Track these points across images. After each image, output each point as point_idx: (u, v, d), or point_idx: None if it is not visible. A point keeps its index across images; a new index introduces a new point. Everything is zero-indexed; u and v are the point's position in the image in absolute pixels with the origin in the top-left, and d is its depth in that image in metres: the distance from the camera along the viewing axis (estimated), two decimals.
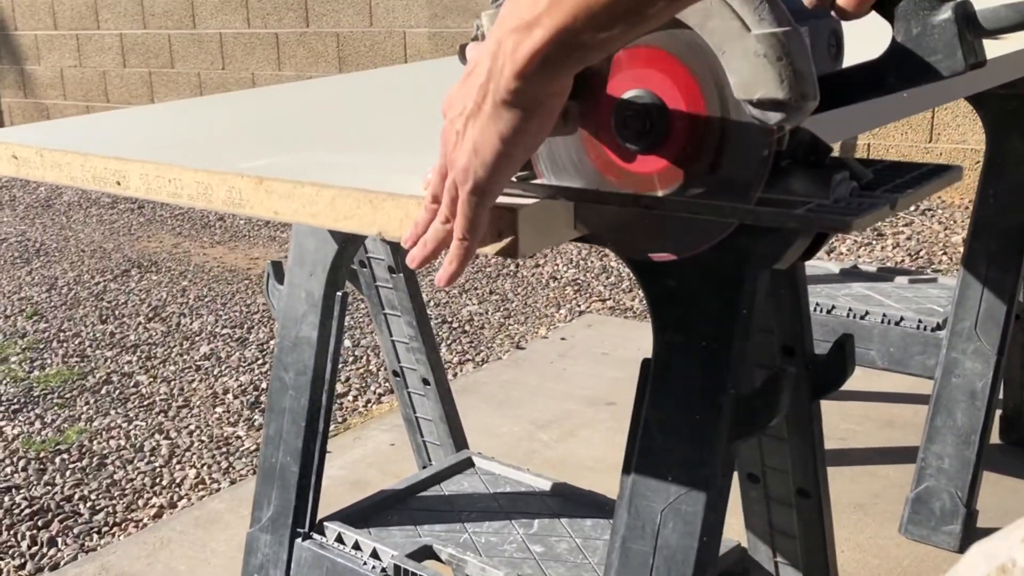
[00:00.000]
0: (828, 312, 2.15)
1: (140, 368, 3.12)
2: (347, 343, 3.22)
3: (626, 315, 3.35)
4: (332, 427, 2.65)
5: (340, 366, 3.02)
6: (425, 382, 1.67)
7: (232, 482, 2.39)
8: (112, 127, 1.27)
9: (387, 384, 2.90)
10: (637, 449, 0.89)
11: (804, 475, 1.11)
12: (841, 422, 2.44)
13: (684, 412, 0.85)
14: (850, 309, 2.13)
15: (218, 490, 2.35)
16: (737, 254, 0.77)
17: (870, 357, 2.10)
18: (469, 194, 0.67)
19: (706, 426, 0.85)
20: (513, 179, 0.77)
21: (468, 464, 1.53)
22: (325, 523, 1.37)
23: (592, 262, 3.89)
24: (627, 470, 0.89)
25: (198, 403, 2.84)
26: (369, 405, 2.79)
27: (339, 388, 2.89)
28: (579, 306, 3.45)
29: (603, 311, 3.40)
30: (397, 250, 1.60)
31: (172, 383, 2.99)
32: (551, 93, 0.64)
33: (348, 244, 1.30)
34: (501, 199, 0.71)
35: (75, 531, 2.20)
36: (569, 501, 1.39)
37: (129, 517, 2.26)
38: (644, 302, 3.42)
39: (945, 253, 3.74)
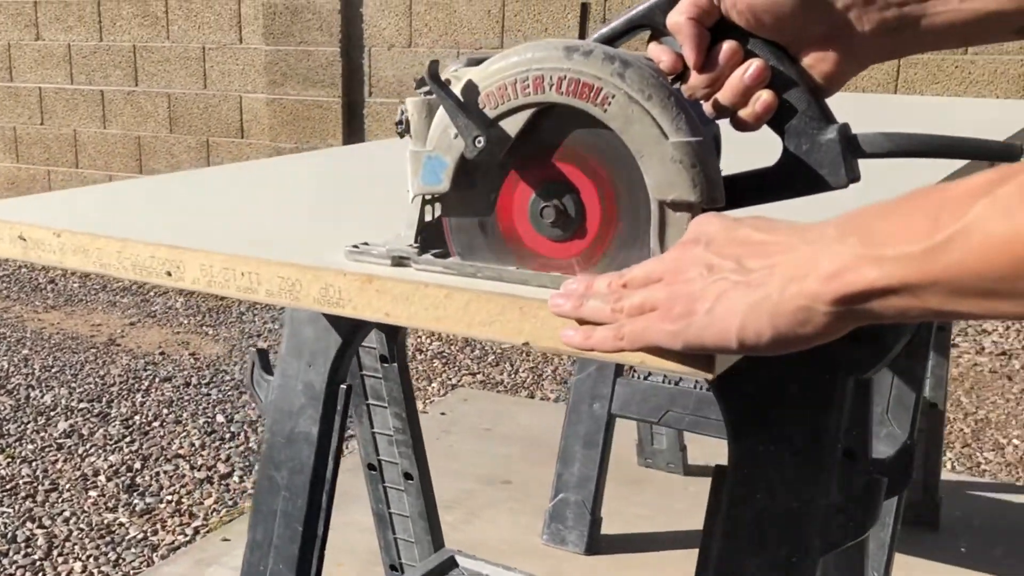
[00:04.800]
0: (675, 384, 2.15)
1: None
2: (220, 418, 3.09)
3: (497, 389, 3.36)
4: (224, 511, 2.54)
5: (217, 444, 2.90)
6: (407, 476, 1.62)
7: None
8: (122, 202, 1.18)
9: None
10: (715, 562, 0.86)
11: None
12: None
13: (772, 523, 0.84)
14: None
15: None
16: (832, 361, 0.78)
17: None
18: (666, 330, 0.64)
19: (795, 538, 0.84)
20: (429, 255, 0.81)
21: (452, 564, 1.49)
22: None
23: (453, 335, 3.88)
24: None
25: (67, 486, 2.66)
26: None
27: (221, 468, 2.77)
28: (450, 380, 3.44)
29: (475, 385, 3.40)
30: (393, 338, 1.55)
31: (34, 464, 2.79)
32: (836, 331, 0.59)
33: (355, 335, 1.24)
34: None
35: None
36: None
37: None
38: (513, 375, 3.45)
39: None
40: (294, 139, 5.39)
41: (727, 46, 0.73)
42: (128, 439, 2.96)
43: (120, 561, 2.31)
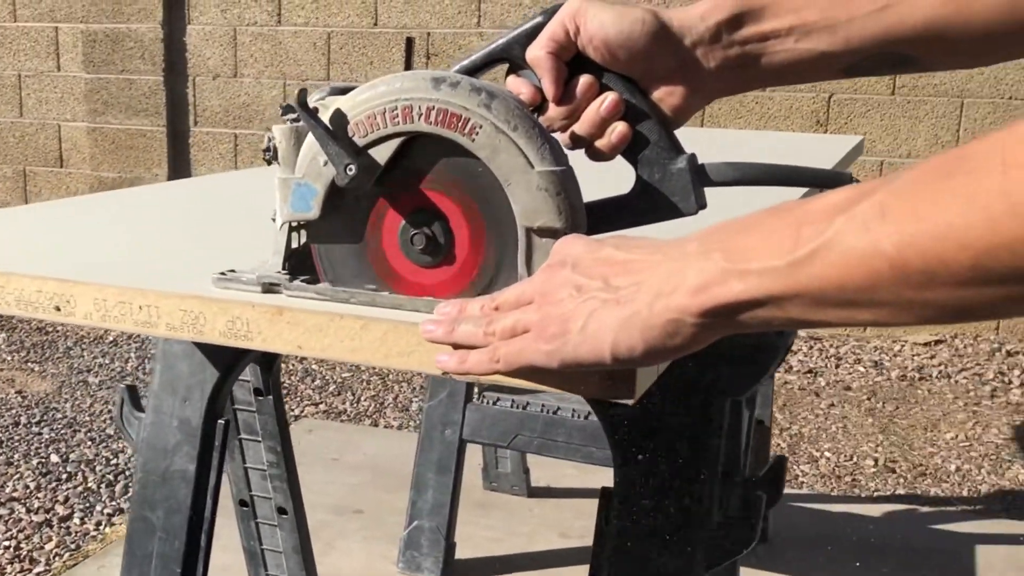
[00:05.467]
0: (523, 408, 2.17)
1: None
2: (55, 458, 2.97)
3: (341, 418, 3.34)
4: (67, 555, 2.44)
5: (54, 485, 2.79)
6: (281, 511, 1.60)
7: None
8: None
9: (116, 503, 2.71)
10: None
11: None
12: (576, 519, 2.60)
13: (655, 542, 0.86)
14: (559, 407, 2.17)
15: None
16: (711, 383, 0.83)
17: (590, 453, 2.15)
18: (541, 350, 0.65)
19: (681, 556, 0.86)
20: (299, 281, 0.82)
21: None
22: None
23: (293, 365, 3.84)
24: None
25: None
26: (102, 527, 2.59)
27: (60, 510, 2.66)
28: (292, 410, 3.40)
29: (318, 415, 3.37)
30: (268, 370, 1.53)
31: None
32: (704, 341, 0.61)
33: (233, 369, 1.22)
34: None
35: None
36: None
37: None
38: (356, 404, 3.44)
39: None
40: (117, 168, 5.25)
41: (584, 80, 0.77)
42: None
43: None
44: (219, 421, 1.23)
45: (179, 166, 5.18)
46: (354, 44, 4.70)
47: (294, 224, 0.84)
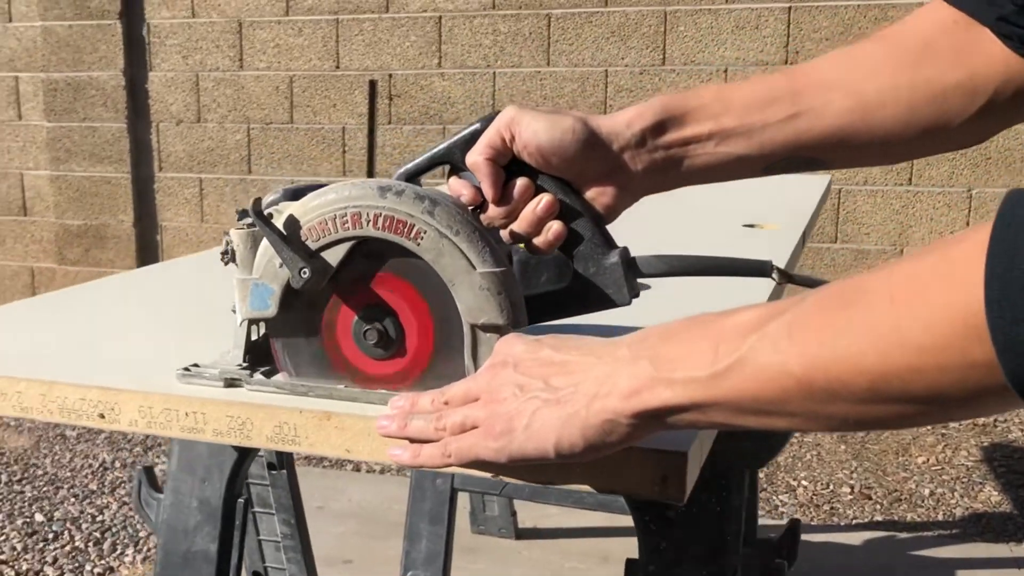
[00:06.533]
0: None
1: None
2: (40, 517, 2.98)
3: (323, 465, 3.36)
4: None
5: (41, 545, 2.79)
6: None
7: None
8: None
9: (105, 562, 2.72)
10: None
11: None
12: (564, 560, 2.62)
13: None
14: None
15: None
16: (734, 456, 0.86)
17: (581, 498, 2.21)
18: (490, 447, 0.69)
19: None
20: (259, 375, 0.87)
21: None
22: None
23: None
24: None
25: None
26: None
27: (50, 572, 2.66)
28: None
29: (300, 461, 3.38)
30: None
31: None
32: (637, 438, 0.66)
33: (252, 448, 1.21)
34: (652, 444, 0.71)
35: None
36: None
37: None
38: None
39: None
40: (82, 215, 5.25)
41: (520, 183, 0.83)
42: None
43: None
44: (239, 500, 1.24)
45: (145, 212, 5.19)
46: (316, 87, 4.73)
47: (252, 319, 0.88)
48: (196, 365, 0.91)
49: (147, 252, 5.23)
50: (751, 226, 1.66)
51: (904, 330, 0.51)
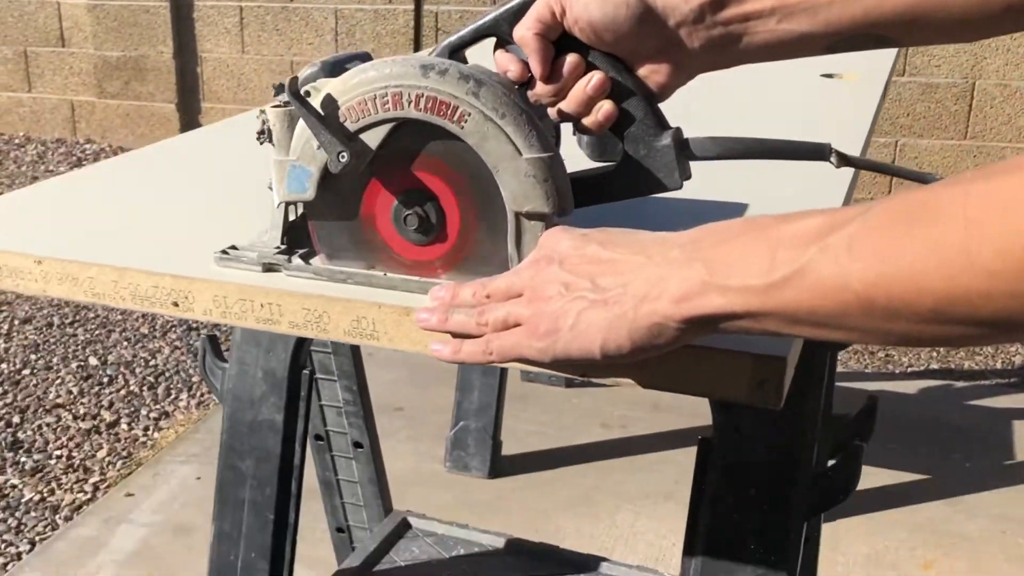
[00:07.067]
0: None
1: None
2: (93, 361, 3.04)
3: None
4: (119, 464, 2.52)
5: (96, 389, 2.86)
6: (357, 445, 1.63)
7: (31, 543, 2.22)
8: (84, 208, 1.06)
9: (160, 407, 2.79)
10: (703, 530, 0.88)
11: None
12: (613, 408, 2.65)
13: (756, 489, 0.87)
14: None
15: (19, 555, 2.18)
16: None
17: None
18: (534, 347, 0.69)
19: (782, 504, 0.87)
20: (299, 259, 0.85)
21: (406, 526, 1.51)
22: None
23: None
24: (691, 551, 0.89)
25: None
26: (150, 432, 2.66)
27: (106, 416, 2.73)
28: None
29: None
30: None
31: None
32: (686, 341, 0.65)
33: None
34: (748, 347, 0.69)
35: None
36: (532, 558, 1.38)
37: None
38: None
39: None
40: (120, 47, 5.18)
41: (570, 59, 0.78)
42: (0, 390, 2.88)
43: (22, 527, 2.26)
44: (304, 371, 1.23)
45: (184, 43, 5.11)
46: None
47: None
48: (234, 247, 0.89)
49: (187, 85, 5.18)
50: (830, 76, 1.58)
51: (974, 254, 0.49)
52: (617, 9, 0.76)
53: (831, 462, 1.04)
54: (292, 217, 0.89)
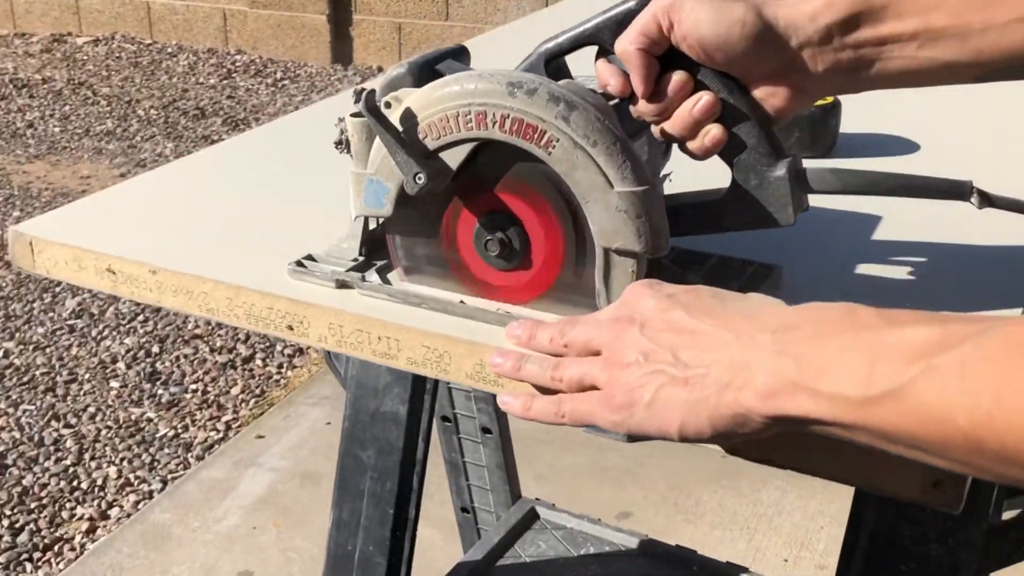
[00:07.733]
0: None
1: (3, 332, 2.85)
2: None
3: None
4: (252, 402, 2.54)
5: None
6: (485, 431, 1.58)
7: (163, 482, 2.27)
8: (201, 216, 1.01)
9: (294, 345, 2.79)
10: None
11: None
12: None
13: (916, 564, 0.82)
14: None
15: (151, 493, 2.23)
16: None
17: None
18: (608, 418, 0.65)
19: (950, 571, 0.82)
20: (375, 276, 0.82)
21: (533, 516, 1.46)
22: None
23: None
24: None
25: (87, 376, 2.65)
26: (284, 370, 2.68)
27: (242, 350, 2.76)
28: None
29: None
30: None
31: (48, 351, 2.76)
32: (773, 434, 0.61)
33: None
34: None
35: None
36: (668, 562, 1.32)
37: (58, 535, 2.10)
38: None
39: None
40: None
41: (676, 77, 0.70)
42: (141, 318, 2.92)
43: (155, 464, 2.31)
44: None
45: None
46: None
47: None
48: (311, 258, 0.85)
49: None
50: None
51: None
52: (731, 28, 0.67)
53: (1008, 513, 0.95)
54: (372, 226, 0.85)
